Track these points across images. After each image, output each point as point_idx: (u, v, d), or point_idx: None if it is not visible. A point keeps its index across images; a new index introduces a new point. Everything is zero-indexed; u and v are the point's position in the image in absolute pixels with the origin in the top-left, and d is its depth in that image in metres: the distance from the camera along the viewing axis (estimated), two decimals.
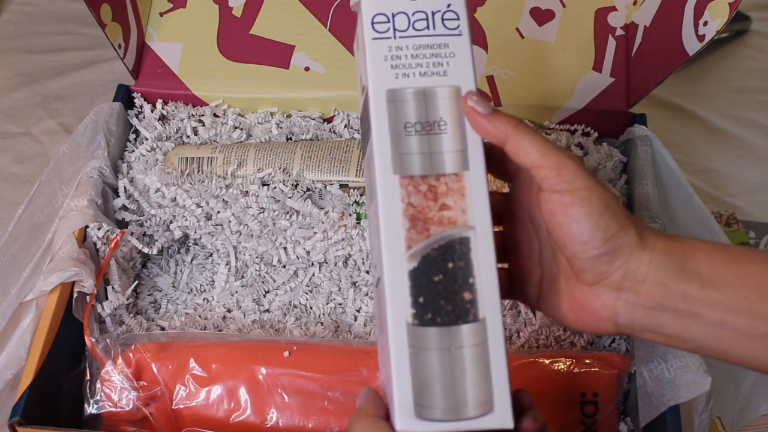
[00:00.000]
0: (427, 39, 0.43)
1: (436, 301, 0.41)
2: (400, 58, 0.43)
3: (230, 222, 0.66)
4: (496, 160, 0.46)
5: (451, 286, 0.41)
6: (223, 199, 0.67)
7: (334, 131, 0.76)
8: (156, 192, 0.68)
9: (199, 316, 0.66)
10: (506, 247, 0.49)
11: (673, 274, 0.41)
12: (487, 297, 0.41)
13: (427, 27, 0.44)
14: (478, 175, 0.42)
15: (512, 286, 0.49)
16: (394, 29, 0.44)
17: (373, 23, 0.44)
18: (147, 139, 0.73)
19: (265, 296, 0.68)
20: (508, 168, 0.47)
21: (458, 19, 0.44)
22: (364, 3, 0.44)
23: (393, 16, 0.44)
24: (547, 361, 0.59)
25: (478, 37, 0.75)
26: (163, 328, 0.65)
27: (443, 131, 0.42)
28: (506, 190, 0.46)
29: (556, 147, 0.42)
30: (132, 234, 0.66)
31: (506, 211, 0.48)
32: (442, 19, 0.44)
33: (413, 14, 0.44)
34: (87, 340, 0.59)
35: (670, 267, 0.41)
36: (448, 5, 0.44)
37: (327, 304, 0.67)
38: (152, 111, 0.76)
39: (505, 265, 0.49)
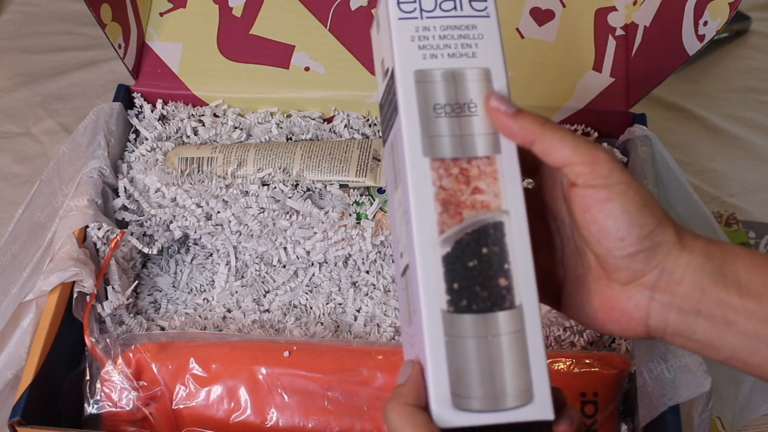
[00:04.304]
0: (455, 20, 0.42)
1: (472, 288, 0.40)
2: (428, 38, 0.42)
3: (230, 222, 0.66)
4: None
5: (486, 271, 0.40)
6: (223, 199, 0.67)
7: (334, 131, 0.76)
8: (156, 192, 0.68)
9: (199, 316, 0.66)
10: None
11: (711, 278, 0.40)
12: (523, 283, 0.40)
13: (455, 8, 0.43)
14: (511, 159, 0.41)
15: None
16: (421, 9, 0.42)
17: (399, 2, 0.42)
18: (147, 139, 0.73)
19: (265, 296, 0.68)
20: (529, 163, 0.45)
21: (486, 0, 0.43)
22: None
23: None
24: (547, 361, 0.59)
25: None
26: (163, 328, 0.65)
27: (474, 113, 0.41)
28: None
29: (588, 141, 0.41)
30: (132, 234, 0.66)
31: (531, 205, 0.46)
32: (470, 0, 0.43)
33: None
34: (87, 340, 0.59)
35: (708, 270, 0.40)
36: None
37: (327, 304, 0.67)
38: (152, 111, 0.76)
39: None
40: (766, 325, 0.39)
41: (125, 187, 0.68)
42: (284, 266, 0.69)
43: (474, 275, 0.40)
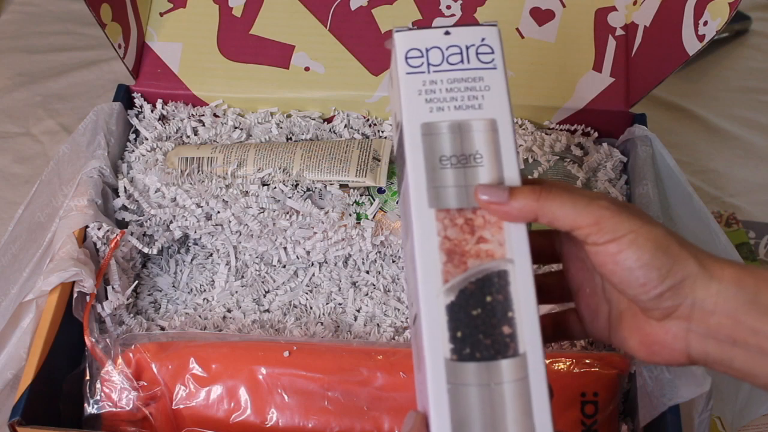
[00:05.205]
0: (462, 73, 0.43)
1: (475, 336, 0.40)
2: (435, 92, 0.43)
3: (230, 222, 0.66)
4: None
5: (489, 320, 0.40)
6: (223, 199, 0.67)
7: (334, 131, 0.76)
8: (156, 192, 0.68)
9: (199, 316, 0.66)
10: (569, 286, 0.48)
11: (744, 306, 0.40)
12: (527, 331, 0.40)
13: (462, 61, 0.43)
14: None
15: (582, 325, 0.48)
16: (428, 64, 0.43)
17: (407, 58, 0.43)
18: (147, 139, 0.73)
19: (265, 296, 0.68)
20: None
21: (493, 53, 0.43)
22: (397, 38, 0.44)
23: (427, 50, 0.43)
24: (547, 361, 0.58)
25: None
26: (163, 328, 0.65)
27: (479, 164, 0.42)
28: None
29: (589, 200, 0.41)
30: (132, 234, 0.66)
31: (563, 249, 0.47)
32: (477, 53, 0.43)
33: (447, 49, 0.43)
34: (87, 340, 0.59)
35: (741, 299, 0.40)
36: (483, 39, 0.44)
37: (327, 304, 0.67)
38: (152, 111, 0.76)
39: (572, 305, 0.48)
40: None
41: (125, 187, 0.68)
42: (284, 266, 0.69)
43: (478, 324, 0.40)
